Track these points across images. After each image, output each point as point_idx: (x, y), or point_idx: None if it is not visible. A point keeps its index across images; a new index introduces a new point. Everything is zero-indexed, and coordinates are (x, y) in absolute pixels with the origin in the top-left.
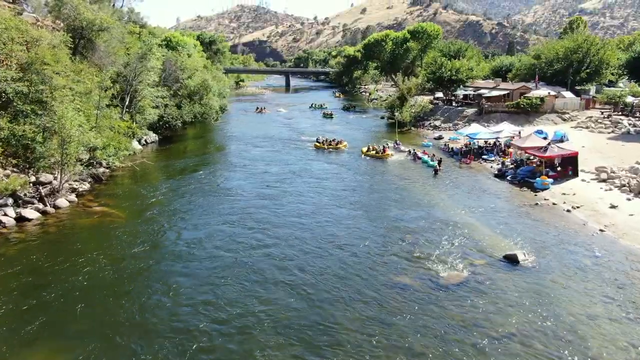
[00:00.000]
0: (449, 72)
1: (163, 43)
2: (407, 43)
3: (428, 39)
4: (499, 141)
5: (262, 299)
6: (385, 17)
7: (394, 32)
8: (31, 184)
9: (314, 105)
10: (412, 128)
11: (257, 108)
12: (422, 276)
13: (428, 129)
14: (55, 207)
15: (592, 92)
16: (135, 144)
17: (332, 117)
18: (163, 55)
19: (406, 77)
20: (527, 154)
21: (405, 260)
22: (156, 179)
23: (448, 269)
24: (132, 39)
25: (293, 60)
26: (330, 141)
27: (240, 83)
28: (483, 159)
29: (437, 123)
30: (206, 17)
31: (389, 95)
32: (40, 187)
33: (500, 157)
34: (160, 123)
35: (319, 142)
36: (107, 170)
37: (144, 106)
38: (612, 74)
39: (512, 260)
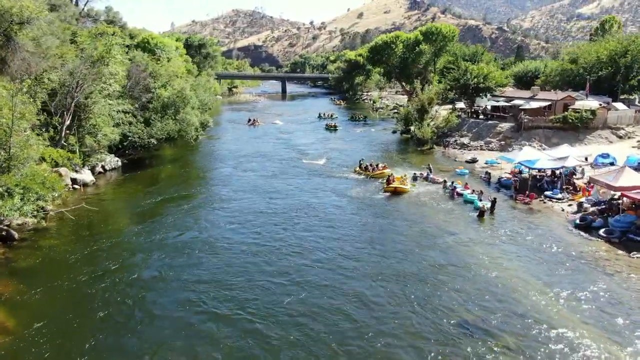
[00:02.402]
0: (475, 79)
1: (139, 45)
2: (420, 46)
3: (443, 41)
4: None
5: None
6: (383, 22)
7: (404, 33)
8: None
9: (322, 115)
10: (435, 146)
11: (250, 120)
12: None
13: (454, 148)
14: None
15: (637, 101)
16: (86, 175)
17: (336, 130)
18: (129, 59)
19: (425, 85)
20: (618, 194)
21: None
22: (102, 232)
23: None
24: (89, 40)
25: (289, 65)
26: (375, 166)
27: (234, 89)
28: (545, 195)
29: (465, 141)
30: (201, 22)
31: (397, 104)
32: None
33: (567, 193)
34: (125, 144)
35: (362, 168)
36: (28, 222)
37: (98, 124)
38: None
39: None
